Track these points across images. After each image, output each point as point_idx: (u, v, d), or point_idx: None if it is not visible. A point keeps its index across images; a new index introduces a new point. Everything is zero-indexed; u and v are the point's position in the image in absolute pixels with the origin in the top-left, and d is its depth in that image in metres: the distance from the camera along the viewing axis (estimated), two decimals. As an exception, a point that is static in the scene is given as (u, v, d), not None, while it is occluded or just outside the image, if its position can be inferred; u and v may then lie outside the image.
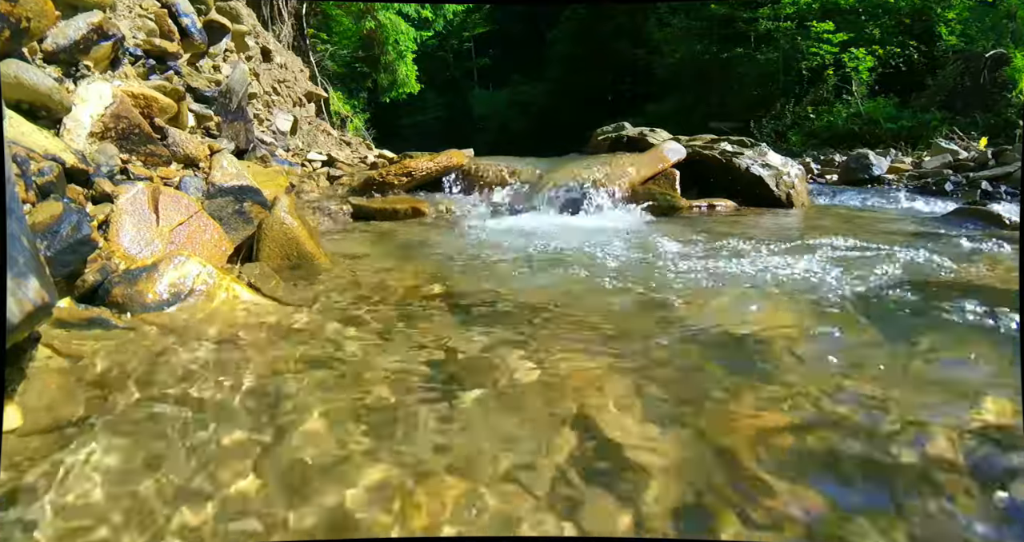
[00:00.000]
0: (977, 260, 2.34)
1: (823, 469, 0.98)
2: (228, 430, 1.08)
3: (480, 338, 1.52)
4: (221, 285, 1.75)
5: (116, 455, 1.00)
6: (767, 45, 13.92)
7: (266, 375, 1.30)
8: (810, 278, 2.04)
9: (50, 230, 1.55)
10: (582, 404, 1.17)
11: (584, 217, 3.62)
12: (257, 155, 4.30)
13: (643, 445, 1.04)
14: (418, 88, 14.93)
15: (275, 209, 2.24)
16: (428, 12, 15.63)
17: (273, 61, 7.49)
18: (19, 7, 2.05)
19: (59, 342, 1.36)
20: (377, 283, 2.04)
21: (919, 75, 11.95)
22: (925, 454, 1.00)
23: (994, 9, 11.70)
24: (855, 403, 1.16)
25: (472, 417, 1.14)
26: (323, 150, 6.37)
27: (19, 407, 1.10)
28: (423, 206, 3.61)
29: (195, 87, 3.56)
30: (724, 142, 4.55)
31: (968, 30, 11.99)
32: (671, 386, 1.26)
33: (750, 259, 2.33)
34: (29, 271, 1.01)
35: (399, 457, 1.00)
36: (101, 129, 2.37)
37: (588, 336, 1.54)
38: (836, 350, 1.42)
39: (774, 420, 1.11)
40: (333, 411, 1.15)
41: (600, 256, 2.45)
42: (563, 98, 20.22)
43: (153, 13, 3.43)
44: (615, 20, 19.04)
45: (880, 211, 4.22)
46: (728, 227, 3.30)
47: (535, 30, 23.25)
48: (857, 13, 13.09)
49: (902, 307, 1.75)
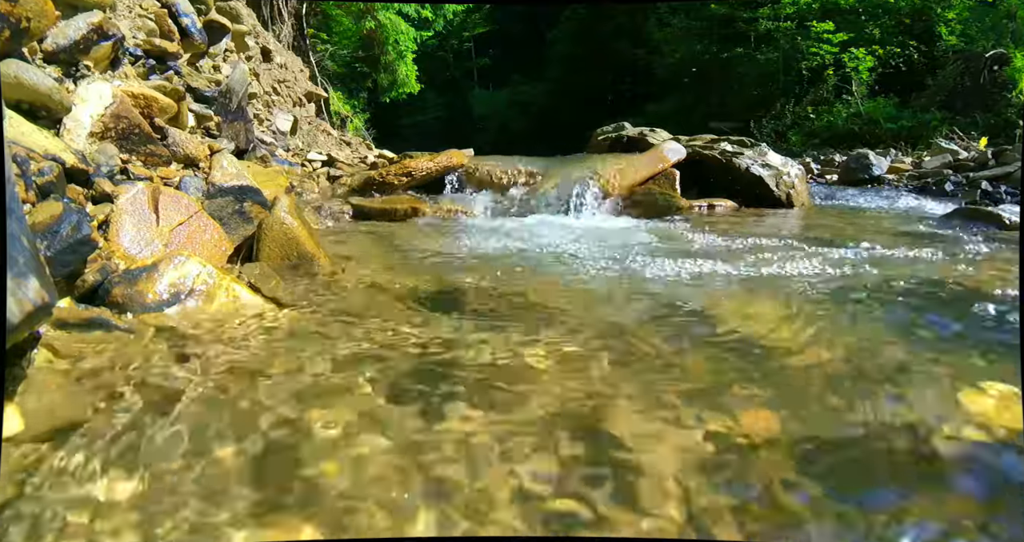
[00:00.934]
0: (977, 260, 2.34)
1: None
2: (228, 430, 1.08)
3: (480, 338, 1.52)
4: (221, 285, 1.75)
5: (116, 456, 1.00)
6: (767, 45, 13.92)
7: (266, 375, 1.30)
8: (805, 277, 2.04)
9: (50, 230, 1.55)
10: (579, 404, 1.17)
11: (584, 217, 3.63)
12: (257, 155, 4.30)
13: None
14: (418, 88, 14.93)
15: (275, 209, 2.25)
16: (428, 12, 15.64)
17: (273, 61, 7.49)
18: (19, 7, 2.05)
19: (59, 342, 1.36)
20: (377, 283, 2.04)
21: (919, 75, 11.94)
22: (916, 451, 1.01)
23: (994, 9, 11.70)
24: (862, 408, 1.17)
25: (472, 417, 1.14)
26: (323, 150, 6.37)
27: (19, 408, 1.10)
28: (423, 206, 3.61)
29: (195, 87, 3.56)
30: (724, 142, 4.55)
31: (968, 30, 11.99)
32: (683, 395, 1.26)
33: (750, 258, 2.33)
34: (29, 271, 1.01)
35: (399, 456, 1.01)
36: (101, 129, 2.36)
37: (587, 336, 1.54)
38: (831, 350, 1.43)
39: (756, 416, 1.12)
40: (334, 411, 1.15)
41: (600, 256, 2.45)
42: (563, 98, 20.21)
43: (153, 13, 3.43)
44: (615, 20, 19.02)
45: (880, 211, 4.22)
46: (728, 227, 3.30)
47: (535, 30, 23.23)
48: (857, 13, 13.09)
49: (901, 307, 1.75)
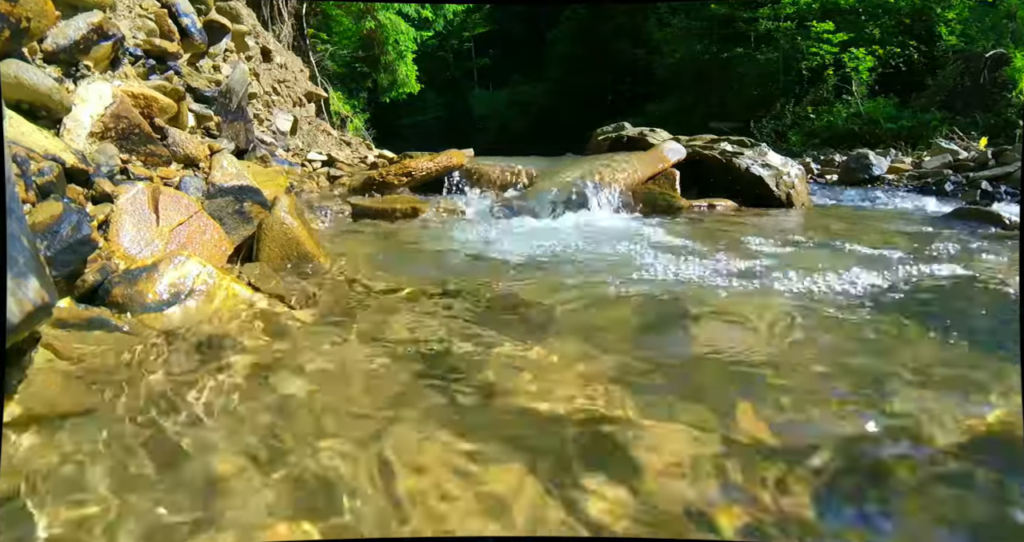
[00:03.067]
0: (977, 260, 2.34)
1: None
2: (229, 431, 1.08)
3: (479, 337, 1.52)
4: (221, 285, 1.75)
5: (117, 457, 1.00)
6: (767, 45, 13.91)
7: (266, 375, 1.30)
8: (801, 277, 2.04)
9: (50, 230, 1.55)
10: (575, 404, 1.17)
11: (584, 217, 3.62)
12: (257, 155, 4.30)
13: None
14: (418, 88, 14.93)
15: (275, 209, 2.24)
16: (428, 12, 15.63)
17: (273, 61, 7.48)
18: (19, 7, 2.05)
19: (59, 342, 1.36)
20: (377, 283, 2.04)
21: (919, 75, 11.94)
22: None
23: (994, 9, 11.70)
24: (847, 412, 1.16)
25: (472, 417, 1.14)
26: (323, 150, 6.37)
27: (19, 407, 1.10)
28: (423, 206, 3.60)
29: (195, 87, 3.55)
30: (724, 142, 4.55)
31: (968, 30, 11.99)
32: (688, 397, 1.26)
33: (748, 258, 2.33)
34: (29, 271, 1.01)
35: (399, 456, 1.01)
36: (101, 129, 2.36)
37: (586, 336, 1.54)
38: (828, 350, 1.42)
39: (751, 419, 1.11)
40: (335, 412, 1.15)
41: (599, 256, 2.45)
42: (563, 98, 20.20)
43: (153, 13, 3.43)
44: (615, 20, 19.02)
45: (880, 211, 4.22)
46: (728, 227, 3.30)
47: (535, 30, 23.22)
48: (857, 13, 13.08)
49: (899, 305, 1.75)
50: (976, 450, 1.02)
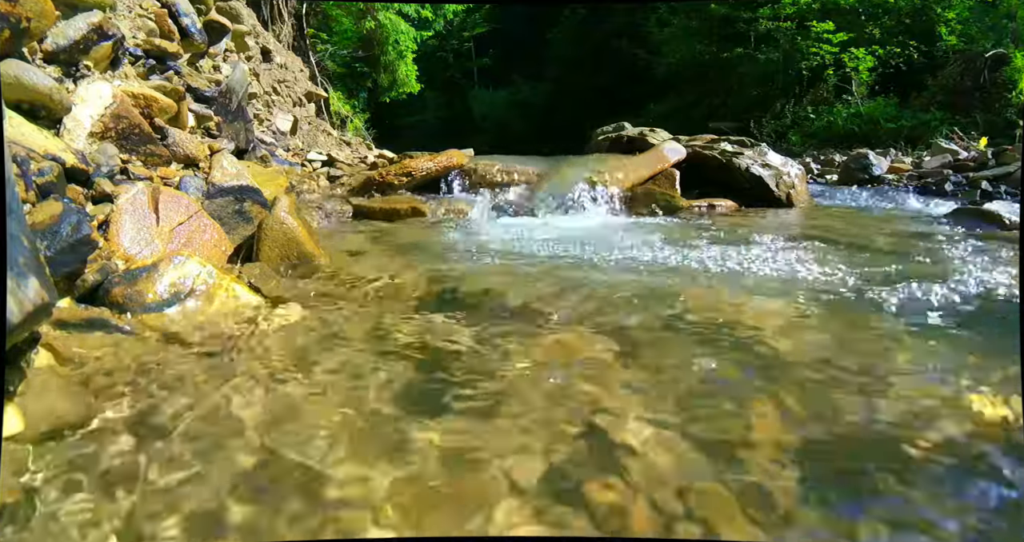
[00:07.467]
0: (976, 260, 2.34)
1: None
2: (229, 431, 1.08)
3: (480, 337, 1.52)
4: (221, 285, 1.75)
5: (117, 458, 1.00)
6: (767, 45, 13.92)
7: (266, 375, 1.30)
8: (800, 277, 2.04)
9: (50, 230, 1.55)
10: (574, 404, 1.17)
11: (584, 217, 3.63)
12: (257, 155, 4.30)
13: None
14: (418, 88, 14.91)
15: (275, 209, 2.24)
16: (428, 12, 15.62)
17: (273, 61, 7.49)
18: (19, 7, 2.05)
19: (59, 342, 1.36)
20: (377, 282, 2.04)
21: (919, 75, 11.94)
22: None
23: (994, 9, 11.70)
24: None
25: (472, 416, 1.14)
26: (323, 150, 6.37)
27: (19, 408, 1.10)
28: (423, 206, 3.61)
29: (195, 87, 3.55)
30: (724, 142, 4.56)
31: (968, 30, 11.99)
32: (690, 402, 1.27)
33: (748, 258, 2.33)
34: (29, 271, 1.01)
35: (399, 454, 1.01)
36: (101, 129, 2.36)
37: (585, 335, 1.54)
38: (825, 351, 1.43)
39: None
40: (334, 410, 1.15)
41: (598, 256, 2.45)
42: (563, 98, 20.20)
43: (153, 13, 3.43)
44: (615, 20, 19.02)
45: (880, 211, 4.22)
46: (728, 226, 3.30)
47: (535, 30, 23.21)
48: (857, 13, 13.08)
49: (898, 305, 1.75)
50: (975, 450, 1.02)
